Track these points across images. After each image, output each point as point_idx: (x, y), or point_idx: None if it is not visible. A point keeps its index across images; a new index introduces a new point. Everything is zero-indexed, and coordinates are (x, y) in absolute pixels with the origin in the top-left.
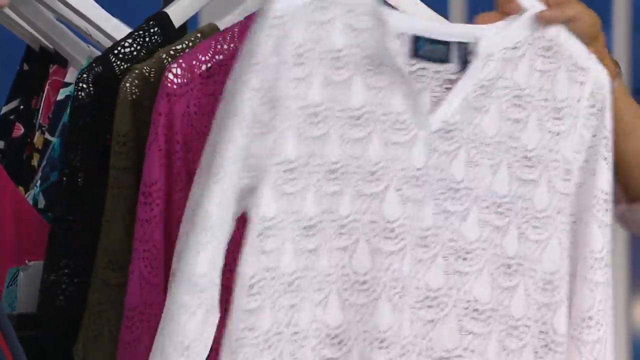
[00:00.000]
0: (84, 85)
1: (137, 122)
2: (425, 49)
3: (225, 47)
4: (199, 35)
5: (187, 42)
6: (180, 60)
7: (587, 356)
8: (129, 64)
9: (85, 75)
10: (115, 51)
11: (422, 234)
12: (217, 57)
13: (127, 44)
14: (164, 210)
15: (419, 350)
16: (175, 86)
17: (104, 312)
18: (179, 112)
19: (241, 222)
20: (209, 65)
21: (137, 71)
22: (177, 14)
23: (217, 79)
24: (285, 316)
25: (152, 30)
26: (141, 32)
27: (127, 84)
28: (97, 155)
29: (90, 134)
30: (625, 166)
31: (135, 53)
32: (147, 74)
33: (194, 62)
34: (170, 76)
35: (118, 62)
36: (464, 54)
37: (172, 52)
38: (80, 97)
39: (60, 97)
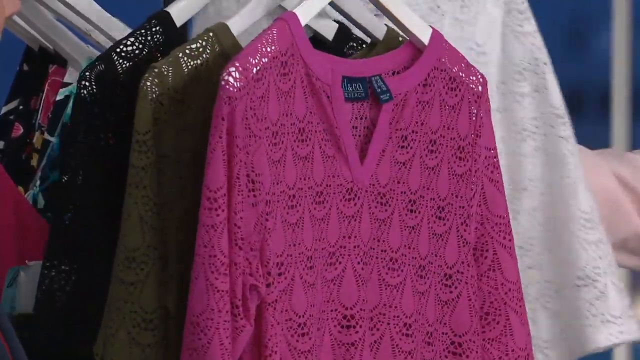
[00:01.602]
0: (87, 84)
1: (156, 121)
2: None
3: (269, 49)
4: (210, 34)
5: (201, 42)
6: (237, 64)
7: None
8: (131, 63)
9: (88, 74)
10: (118, 49)
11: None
12: (263, 59)
13: (129, 42)
14: (228, 215)
15: None
16: (235, 89)
17: (120, 310)
18: (239, 116)
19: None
20: (258, 68)
21: (156, 70)
22: (178, 13)
23: (264, 81)
24: None
25: (154, 29)
26: (143, 30)
27: (148, 83)
28: (97, 154)
29: (92, 132)
30: None
31: (137, 52)
32: (165, 72)
33: (248, 65)
34: (231, 79)
35: (120, 61)
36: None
37: (187, 52)
38: (82, 95)
39: (59, 97)
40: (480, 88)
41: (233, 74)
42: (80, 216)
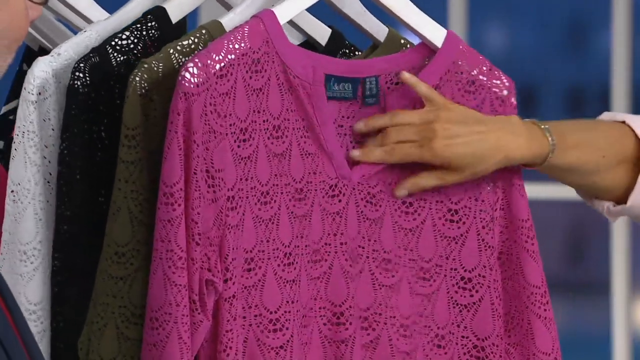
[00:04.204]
0: (80, 75)
1: (146, 117)
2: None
3: (237, 46)
4: (203, 31)
5: (193, 39)
6: (197, 60)
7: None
8: (125, 57)
9: (82, 65)
10: (112, 42)
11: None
12: (229, 56)
13: (124, 37)
14: (184, 209)
15: None
16: (192, 85)
17: (108, 305)
18: (197, 112)
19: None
20: (222, 64)
21: (146, 65)
22: (174, 9)
23: (229, 78)
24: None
25: (149, 24)
26: (138, 25)
27: (137, 78)
28: (90, 147)
29: (84, 125)
30: (582, 174)
31: (132, 46)
32: (155, 68)
33: (209, 62)
34: (188, 75)
35: (115, 54)
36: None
37: (179, 48)
38: (76, 85)
39: None
40: (505, 92)
41: (191, 69)
42: (74, 209)
